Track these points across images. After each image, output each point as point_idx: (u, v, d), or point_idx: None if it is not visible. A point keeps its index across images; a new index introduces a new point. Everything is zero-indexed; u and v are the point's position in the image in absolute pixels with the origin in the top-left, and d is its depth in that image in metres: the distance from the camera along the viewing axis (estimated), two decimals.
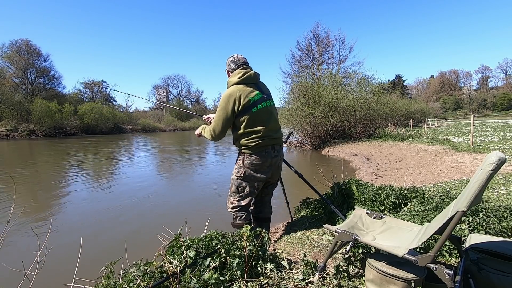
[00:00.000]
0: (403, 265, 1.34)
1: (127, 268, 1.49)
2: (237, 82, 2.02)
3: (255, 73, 2.09)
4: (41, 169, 9.17)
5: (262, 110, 2.02)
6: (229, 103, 1.97)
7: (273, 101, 2.19)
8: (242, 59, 2.14)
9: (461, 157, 6.72)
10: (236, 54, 2.17)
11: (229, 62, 2.16)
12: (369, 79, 17.66)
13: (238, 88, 1.99)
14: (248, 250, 1.53)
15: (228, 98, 1.98)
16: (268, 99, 2.11)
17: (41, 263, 1.37)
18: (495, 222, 1.99)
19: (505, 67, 70.34)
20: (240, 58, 2.14)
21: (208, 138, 2.14)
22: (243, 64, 2.13)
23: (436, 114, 55.56)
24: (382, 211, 2.48)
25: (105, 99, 48.24)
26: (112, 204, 5.01)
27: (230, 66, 2.15)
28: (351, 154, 10.81)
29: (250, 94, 1.99)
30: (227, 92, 2.02)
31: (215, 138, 2.11)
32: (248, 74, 2.04)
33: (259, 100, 2.01)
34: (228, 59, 2.19)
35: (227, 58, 2.20)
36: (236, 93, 1.97)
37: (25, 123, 30.16)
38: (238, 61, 2.13)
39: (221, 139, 2.14)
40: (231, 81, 2.06)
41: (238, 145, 2.11)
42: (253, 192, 2.15)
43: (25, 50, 35.24)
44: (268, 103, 2.09)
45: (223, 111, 2.00)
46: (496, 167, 1.05)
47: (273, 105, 2.16)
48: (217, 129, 2.05)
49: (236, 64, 2.13)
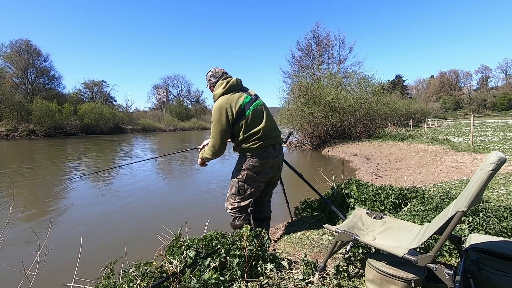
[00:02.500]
0: (403, 265, 1.34)
1: (127, 268, 1.49)
2: (223, 93, 2.04)
3: (237, 79, 2.13)
4: (41, 169, 9.17)
5: (255, 111, 2.04)
6: (221, 115, 1.98)
7: (262, 100, 2.20)
8: (221, 71, 2.17)
9: (461, 157, 6.72)
10: (213, 67, 2.19)
11: (209, 77, 2.18)
12: (369, 79, 17.68)
13: (226, 97, 2.01)
14: (248, 250, 1.53)
15: (220, 110, 1.98)
16: (257, 99, 2.14)
17: (41, 263, 1.37)
18: (495, 222, 1.99)
19: (505, 67, 70.34)
20: (218, 70, 2.17)
21: (210, 157, 2.14)
22: (223, 75, 2.14)
23: (436, 114, 55.60)
24: (382, 211, 2.48)
25: (105, 99, 48.25)
26: (112, 204, 5.01)
27: (210, 80, 2.17)
28: (351, 154, 10.81)
29: (239, 100, 2.00)
30: (216, 104, 2.02)
31: (216, 154, 2.11)
32: (231, 82, 2.06)
33: (249, 103, 2.03)
34: (207, 75, 2.21)
35: (206, 74, 2.22)
36: (226, 103, 1.98)
37: (25, 123, 30.13)
38: (217, 74, 2.15)
39: (223, 153, 2.14)
40: (217, 94, 2.07)
41: (240, 150, 2.11)
42: (255, 193, 2.16)
43: (25, 50, 35.18)
44: (259, 102, 2.12)
45: (218, 124, 2.00)
46: (496, 167, 1.05)
47: (264, 104, 2.18)
48: (216, 144, 2.05)
49: (216, 77, 2.15)
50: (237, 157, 2.20)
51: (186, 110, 63.04)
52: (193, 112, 63.25)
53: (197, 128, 53.69)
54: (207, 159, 2.18)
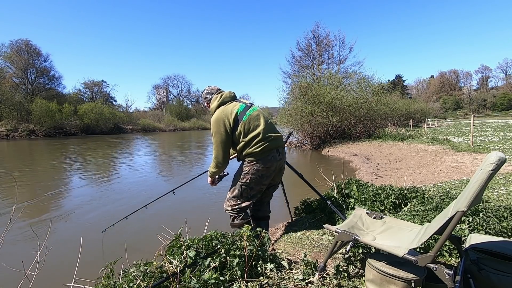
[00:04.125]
0: (403, 265, 1.34)
1: (127, 268, 1.49)
2: (218, 105, 2.16)
3: (230, 92, 2.26)
4: (41, 169, 9.17)
5: (251, 116, 2.11)
6: (220, 125, 2.06)
7: (257, 107, 2.29)
8: (215, 88, 2.31)
9: (461, 157, 6.72)
10: (207, 86, 2.34)
11: (205, 95, 2.31)
12: (369, 79, 17.68)
13: (221, 109, 2.12)
14: (248, 250, 1.53)
15: (218, 121, 2.07)
16: (252, 106, 2.22)
17: (41, 263, 1.37)
18: (495, 222, 1.99)
19: (505, 67, 70.34)
20: (213, 88, 2.31)
21: (215, 170, 2.19)
22: (217, 91, 2.28)
23: (436, 114, 55.56)
24: (382, 211, 2.48)
25: (105, 99, 48.24)
26: (112, 204, 5.01)
27: (207, 98, 2.29)
28: (351, 154, 10.81)
29: (234, 108, 2.10)
30: (213, 117, 2.13)
31: (220, 165, 2.15)
32: (225, 94, 2.21)
33: (244, 110, 2.12)
34: (202, 94, 2.35)
35: (201, 94, 2.39)
36: (222, 114, 2.08)
37: (25, 123, 30.13)
38: (212, 91, 2.29)
39: (228, 164, 2.19)
40: (213, 107, 2.19)
41: (244, 156, 2.11)
42: (257, 195, 2.19)
43: (25, 50, 35.18)
44: (254, 108, 2.20)
45: (218, 135, 2.07)
46: (496, 167, 1.05)
47: (260, 109, 2.24)
48: (219, 154, 2.11)
49: (212, 93, 2.28)
50: (240, 162, 2.21)
51: (186, 110, 63.01)
52: (193, 112, 63.22)
53: (197, 128, 53.64)
54: (214, 173, 2.22)
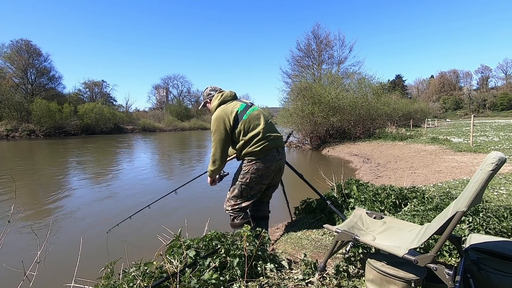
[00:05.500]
0: (403, 265, 1.34)
1: (127, 268, 1.49)
2: (219, 104, 2.17)
3: (231, 91, 2.27)
4: (41, 169, 9.17)
5: (251, 115, 2.11)
6: (220, 123, 2.06)
7: (258, 106, 2.29)
8: (216, 87, 2.33)
9: (461, 157, 6.72)
10: (209, 85, 2.38)
11: (208, 91, 2.33)
12: (369, 79, 17.68)
13: (222, 108, 2.12)
14: (248, 250, 1.53)
15: (218, 120, 2.07)
16: (252, 105, 2.22)
17: (41, 263, 1.37)
18: (495, 222, 1.99)
19: (505, 67, 70.28)
20: (215, 87, 2.34)
21: (213, 168, 2.18)
22: (219, 90, 2.30)
23: (436, 114, 55.51)
24: (382, 211, 2.48)
25: (105, 99, 48.25)
26: (112, 204, 5.01)
27: (211, 94, 2.31)
28: (351, 154, 10.81)
29: (235, 107, 2.10)
30: (214, 115, 2.13)
31: (219, 164, 2.14)
32: (225, 94, 2.22)
33: (244, 109, 2.12)
34: (204, 92, 2.37)
35: (203, 93, 2.39)
36: (223, 112, 2.08)
37: (25, 123, 30.14)
38: (215, 88, 2.33)
39: (225, 163, 2.19)
40: (214, 106, 2.19)
41: (243, 156, 2.11)
42: (257, 195, 2.19)
43: (25, 50, 35.20)
44: (255, 108, 2.20)
45: (217, 133, 2.07)
46: (496, 167, 1.05)
47: (260, 109, 2.25)
48: (217, 152, 2.10)
49: (215, 90, 2.31)
50: (239, 161, 2.21)
51: (186, 110, 62.99)
52: (193, 112, 63.19)
53: (197, 128, 53.65)
54: (212, 172, 2.21)
